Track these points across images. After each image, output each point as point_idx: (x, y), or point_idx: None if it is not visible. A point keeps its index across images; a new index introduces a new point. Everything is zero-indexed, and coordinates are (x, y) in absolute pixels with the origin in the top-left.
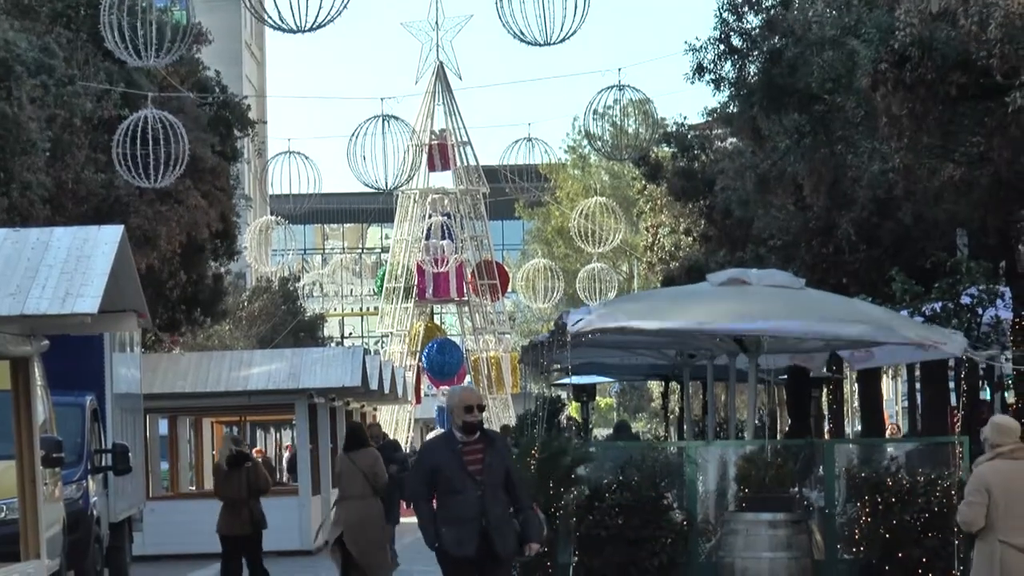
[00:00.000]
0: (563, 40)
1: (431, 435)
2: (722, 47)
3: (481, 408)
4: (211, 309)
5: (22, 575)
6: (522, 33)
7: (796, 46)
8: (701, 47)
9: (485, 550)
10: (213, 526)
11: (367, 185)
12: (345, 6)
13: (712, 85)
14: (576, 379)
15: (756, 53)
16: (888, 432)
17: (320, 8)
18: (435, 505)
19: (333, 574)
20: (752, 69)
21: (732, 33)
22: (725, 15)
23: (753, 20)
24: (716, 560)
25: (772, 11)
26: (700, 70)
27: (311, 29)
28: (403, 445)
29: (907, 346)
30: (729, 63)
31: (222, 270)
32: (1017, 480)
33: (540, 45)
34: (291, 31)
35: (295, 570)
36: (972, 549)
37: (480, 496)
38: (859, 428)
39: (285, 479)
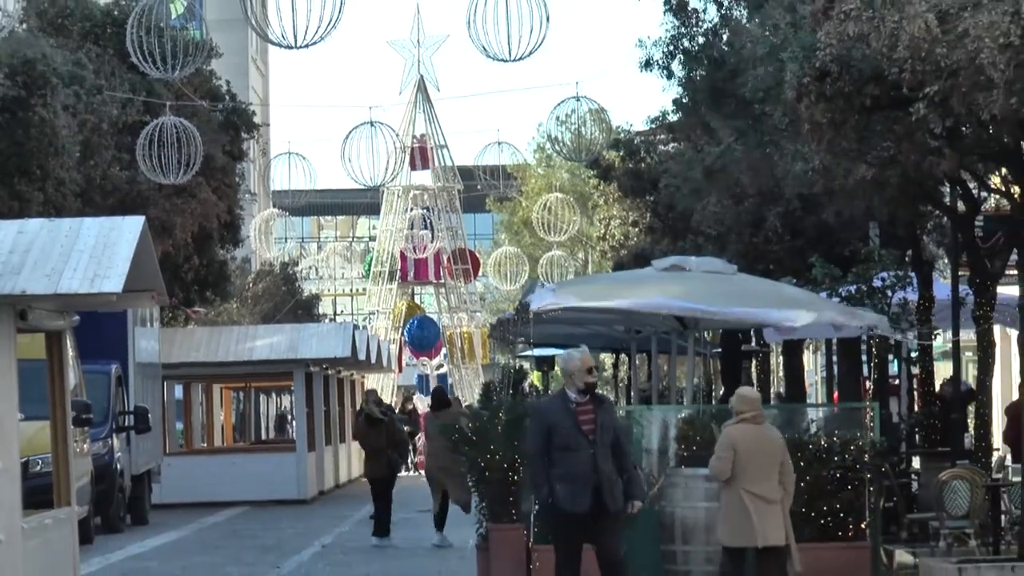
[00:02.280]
0: (524, 58)
1: (417, 400)
2: (671, 47)
3: (597, 369)
4: (220, 290)
5: (55, 520)
6: (488, 50)
7: (735, 56)
8: (656, 43)
9: (597, 506)
10: (223, 478)
11: (357, 182)
12: (334, 27)
13: (664, 70)
14: (538, 351)
15: (703, 59)
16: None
17: (310, 27)
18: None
19: (325, 519)
20: (698, 72)
21: (682, 37)
22: (677, 24)
23: (701, 28)
24: (659, 509)
25: (717, 23)
26: (648, 64)
27: (306, 46)
28: None
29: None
30: (677, 62)
31: (228, 256)
32: (757, 441)
33: (504, 61)
34: (289, 47)
35: (292, 516)
36: (881, 501)
37: (593, 454)
38: (783, 394)
39: (273, 436)
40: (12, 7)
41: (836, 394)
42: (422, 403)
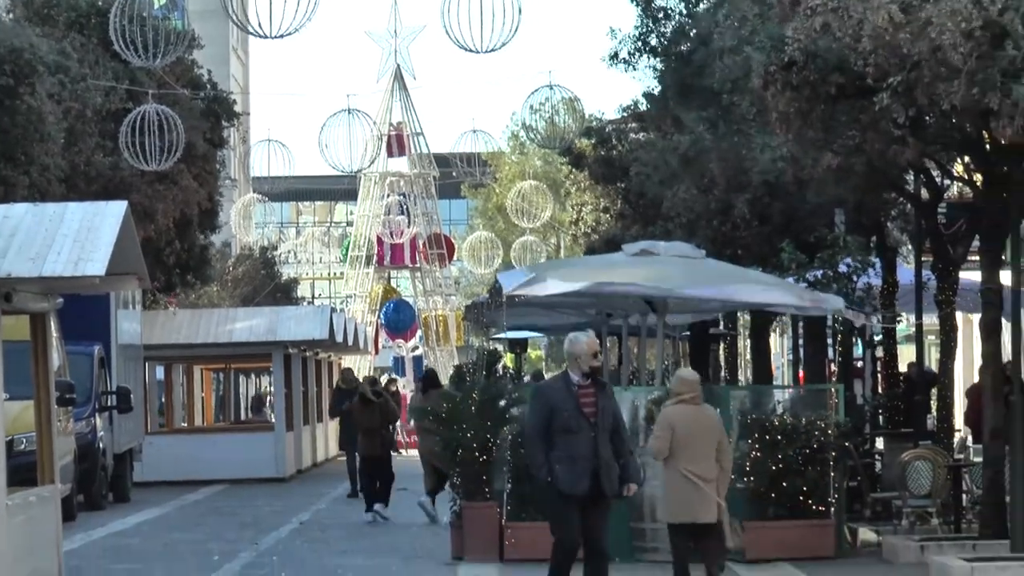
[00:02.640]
0: (495, 49)
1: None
2: (640, 43)
3: (600, 355)
4: (200, 273)
5: (39, 498)
6: (460, 41)
7: (703, 49)
8: (622, 40)
9: (594, 488)
10: (203, 457)
11: (334, 168)
12: (311, 17)
13: (629, 66)
14: (511, 334)
15: (670, 54)
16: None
17: (288, 18)
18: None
19: (303, 497)
20: (666, 66)
21: (650, 34)
22: (645, 20)
23: (668, 25)
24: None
25: (681, 20)
26: (615, 57)
27: (283, 35)
28: None
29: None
30: (646, 56)
31: (209, 241)
32: (694, 421)
33: (476, 52)
34: (266, 37)
35: (271, 494)
36: (845, 480)
37: (594, 437)
38: (751, 377)
39: (250, 417)
40: None
41: (802, 375)
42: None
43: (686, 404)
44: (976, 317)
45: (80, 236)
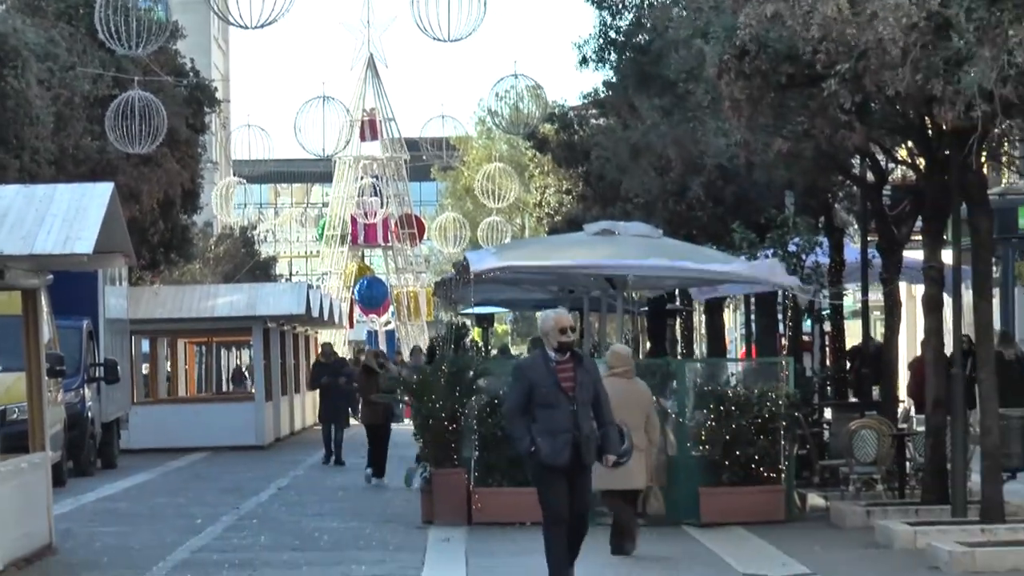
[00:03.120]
0: (462, 39)
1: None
2: (601, 40)
3: (573, 330)
4: (183, 252)
5: (30, 464)
6: (429, 31)
7: (659, 40)
8: (584, 42)
9: (575, 459)
10: (186, 426)
11: (309, 152)
12: (287, 10)
13: (596, 65)
14: (478, 309)
15: (628, 46)
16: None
17: (266, 8)
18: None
19: (281, 464)
20: (624, 57)
21: (608, 29)
22: (603, 15)
23: (627, 17)
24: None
25: (637, 10)
26: (584, 61)
27: (261, 26)
28: None
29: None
30: (609, 52)
31: (191, 221)
32: (626, 394)
33: (444, 41)
34: (246, 27)
35: (251, 461)
36: (795, 448)
37: (573, 411)
38: (706, 351)
39: (230, 388)
40: None
41: (749, 350)
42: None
43: (619, 377)
44: (919, 292)
45: (69, 216)
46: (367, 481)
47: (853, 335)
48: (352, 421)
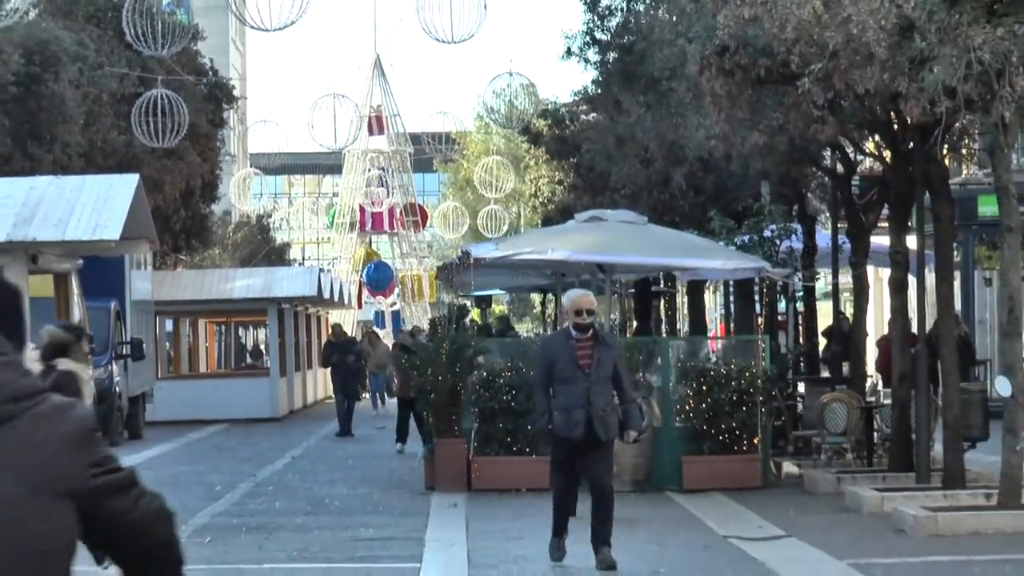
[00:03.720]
0: (464, 40)
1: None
2: (588, 39)
3: (591, 312)
4: (203, 238)
5: None
6: (433, 33)
7: (643, 42)
8: (572, 36)
9: (590, 434)
10: (206, 400)
11: (322, 146)
12: (303, 14)
13: (580, 62)
14: (477, 292)
15: (613, 46)
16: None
17: (282, 12)
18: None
19: (294, 435)
20: (611, 56)
21: (596, 29)
22: (592, 16)
23: (613, 20)
24: None
25: (624, 14)
26: (568, 52)
27: (278, 28)
28: None
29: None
30: (592, 51)
31: (211, 210)
32: None
33: (447, 43)
34: (263, 29)
35: (266, 432)
36: (771, 420)
37: (587, 387)
38: (688, 329)
39: (247, 364)
40: None
41: (728, 329)
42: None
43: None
44: (886, 273)
45: (98, 205)
46: (399, 452)
47: (824, 315)
48: (365, 396)
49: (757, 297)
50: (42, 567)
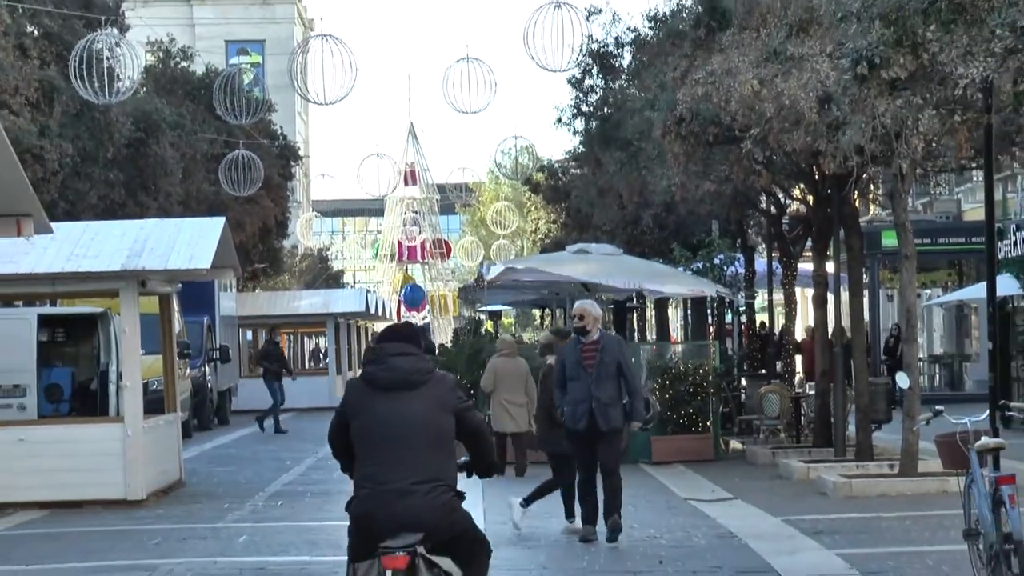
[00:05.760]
0: (480, 111)
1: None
2: (575, 111)
3: (582, 318)
4: (276, 267)
5: (166, 421)
6: (456, 106)
7: (618, 113)
8: (562, 109)
9: (594, 425)
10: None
11: (368, 194)
12: (351, 91)
13: (568, 130)
14: (490, 307)
15: (595, 116)
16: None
17: (335, 90)
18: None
19: None
20: (593, 124)
21: (581, 103)
22: (578, 93)
23: (594, 96)
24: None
25: (603, 91)
26: (559, 121)
27: (332, 103)
28: None
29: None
30: (578, 120)
31: (281, 244)
32: (511, 366)
33: (466, 113)
34: (321, 103)
35: (327, 419)
36: (720, 407)
37: (589, 384)
38: (655, 336)
39: (309, 365)
40: (136, 75)
41: (685, 336)
42: None
43: (505, 357)
44: (810, 292)
45: (192, 241)
46: None
47: (761, 324)
48: None
49: (709, 311)
50: (444, 439)
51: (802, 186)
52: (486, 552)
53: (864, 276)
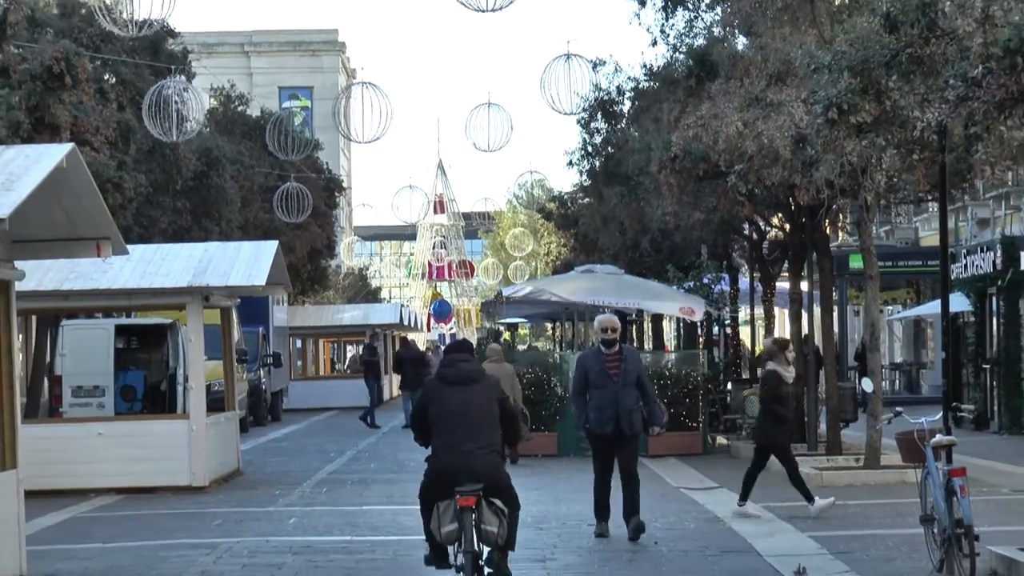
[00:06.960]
0: (498, 149)
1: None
2: (583, 152)
3: (614, 330)
4: (322, 284)
5: (226, 418)
6: (477, 145)
7: (620, 151)
8: (571, 152)
9: (618, 429)
10: (325, 394)
11: (403, 221)
12: (386, 131)
13: (576, 169)
14: (508, 320)
15: (600, 154)
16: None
17: (372, 130)
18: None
19: (383, 419)
20: (598, 161)
21: (588, 144)
22: (584, 134)
23: (599, 137)
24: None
25: (607, 132)
26: (570, 164)
27: (370, 141)
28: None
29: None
30: (586, 160)
31: (328, 264)
32: (499, 371)
33: (487, 151)
34: (360, 141)
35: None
36: (708, 407)
37: (615, 391)
38: (652, 346)
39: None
40: (201, 117)
41: (676, 346)
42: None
43: (494, 362)
44: (786, 309)
45: (250, 261)
46: None
47: (743, 337)
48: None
49: (698, 324)
50: (493, 417)
51: (780, 215)
52: (518, 504)
53: (834, 294)
